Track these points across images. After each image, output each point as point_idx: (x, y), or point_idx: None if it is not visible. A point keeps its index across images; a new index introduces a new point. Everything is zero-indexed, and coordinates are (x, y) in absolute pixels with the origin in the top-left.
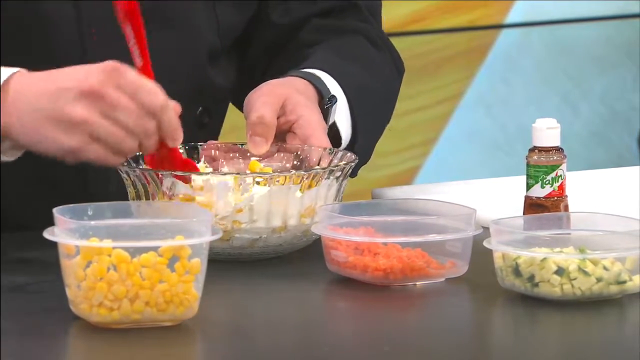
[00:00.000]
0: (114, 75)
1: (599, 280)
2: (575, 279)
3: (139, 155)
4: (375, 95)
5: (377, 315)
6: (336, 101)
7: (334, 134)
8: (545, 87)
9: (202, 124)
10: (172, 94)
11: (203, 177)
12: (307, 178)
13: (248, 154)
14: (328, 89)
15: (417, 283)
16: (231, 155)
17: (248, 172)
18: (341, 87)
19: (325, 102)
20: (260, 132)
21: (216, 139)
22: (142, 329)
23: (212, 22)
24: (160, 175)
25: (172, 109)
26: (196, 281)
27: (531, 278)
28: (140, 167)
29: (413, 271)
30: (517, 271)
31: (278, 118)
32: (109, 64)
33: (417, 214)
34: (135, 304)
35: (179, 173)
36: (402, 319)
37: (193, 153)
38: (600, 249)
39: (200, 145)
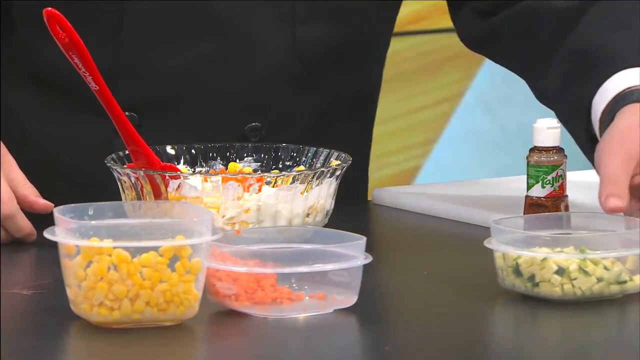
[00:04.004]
0: None
1: (599, 280)
2: (575, 278)
3: (123, 156)
4: None
5: (378, 315)
6: None
7: None
8: None
9: (249, 141)
10: (215, 103)
11: (212, 178)
12: (313, 177)
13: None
14: None
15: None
16: (210, 155)
17: (258, 172)
18: None
19: None
20: (615, 192)
21: (273, 158)
22: (142, 329)
23: (287, 42)
24: (167, 177)
25: (15, 219)
26: (197, 281)
27: (531, 278)
28: (144, 170)
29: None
30: (517, 271)
31: (634, 176)
32: None
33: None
34: (135, 304)
35: (172, 173)
36: (404, 321)
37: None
38: (600, 248)
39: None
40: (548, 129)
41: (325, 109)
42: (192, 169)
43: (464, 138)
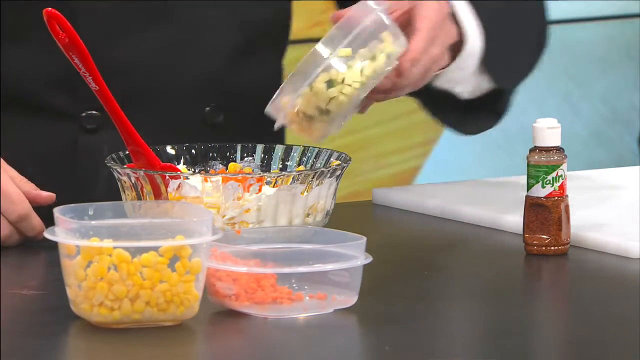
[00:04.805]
0: None
1: (364, 59)
2: (342, 80)
3: (123, 156)
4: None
5: (378, 315)
6: None
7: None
8: (546, 86)
9: (213, 123)
10: (175, 89)
11: (212, 178)
12: (313, 177)
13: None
14: None
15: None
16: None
17: (258, 172)
18: None
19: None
20: None
21: (235, 138)
22: (142, 329)
23: (230, 20)
24: (167, 177)
25: (30, 218)
26: (197, 281)
27: (320, 110)
28: (144, 170)
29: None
30: (307, 116)
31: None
32: None
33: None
34: (135, 304)
35: (172, 173)
36: (404, 321)
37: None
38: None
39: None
40: (548, 129)
41: (269, 84)
42: (192, 169)
43: (464, 138)
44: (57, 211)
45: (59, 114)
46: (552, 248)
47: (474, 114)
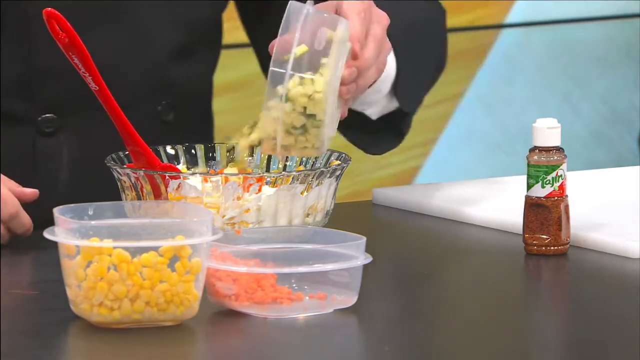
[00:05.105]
0: None
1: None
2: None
3: (123, 156)
4: (414, 24)
5: (378, 315)
6: None
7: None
8: (546, 87)
9: (165, 121)
10: (127, 89)
11: (212, 178)
12: (313, 177)
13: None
14: None
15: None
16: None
17: (258, 172)
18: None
19: None
20: None
21: (184, 135)
22: (142, 329)
23: (176, 19)
24: (167, 177)
25: (20, 216)
26: (197, 281)
27: (304, 113)
28: (144, 170)
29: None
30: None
31: None
32: None
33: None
34: (135, 304)
35: (172, 173)
36: (404, 321)
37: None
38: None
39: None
40: (548, 129)
41: (208, 83)
42: (192, 169)
43: (464, 138)
44: (57, 211)
45: (16, 118)
46: (552, 248)
47: (381, 135)
